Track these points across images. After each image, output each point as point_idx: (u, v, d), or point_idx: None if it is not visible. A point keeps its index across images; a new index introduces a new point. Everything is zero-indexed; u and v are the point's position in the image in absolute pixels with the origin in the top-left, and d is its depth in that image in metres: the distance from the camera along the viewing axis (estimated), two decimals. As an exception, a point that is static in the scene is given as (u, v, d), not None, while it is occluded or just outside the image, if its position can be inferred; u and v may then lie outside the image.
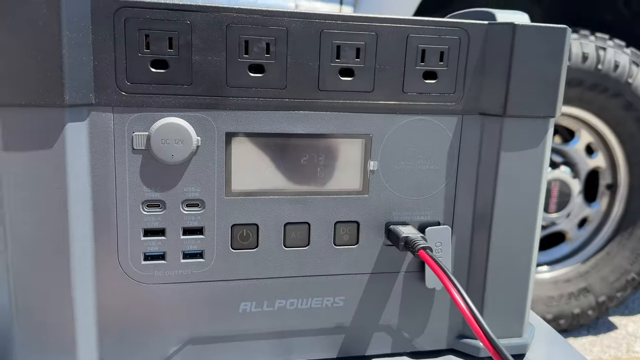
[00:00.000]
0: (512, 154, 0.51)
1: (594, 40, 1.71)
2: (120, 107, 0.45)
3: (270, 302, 0.51)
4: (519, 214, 0.53)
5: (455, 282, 0.45)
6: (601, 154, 1.87)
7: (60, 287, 0.45)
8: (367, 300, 0.53)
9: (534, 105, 0.51)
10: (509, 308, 0.55)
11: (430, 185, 0.52)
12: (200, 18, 0.44)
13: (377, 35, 0.48)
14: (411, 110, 0.50)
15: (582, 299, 1.89)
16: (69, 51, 0.41)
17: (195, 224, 0.48)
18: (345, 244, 0.52)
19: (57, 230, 0.44)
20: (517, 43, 0.49)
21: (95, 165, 0.45)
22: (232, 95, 0.46)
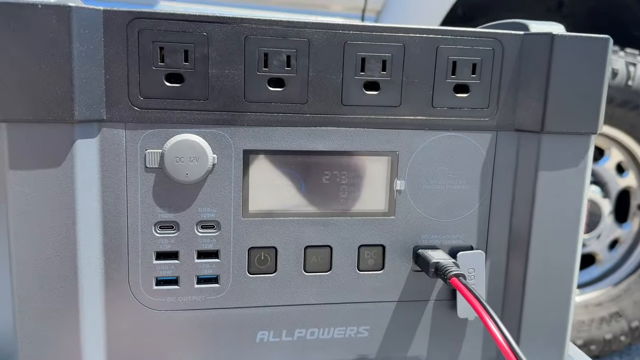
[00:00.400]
0: (551, 173, 0.48)
1: (624, 55, 1.66)
2: (133, 123, 0.43)
3: (290, 331, 0.48)
4: (558, 238, 0.49)
5: (492, 312, 0.41)
6: (632, 172, 1.81)
7: (67, 314, 0.42)
8: (393, 331, 0.49)
9: (574, 121, 0.47)
10: (548, 340, 0.51)
11: (462, 206, 0.49)
12: (218, 29, 0.42)
13: (405, 47, 0.45)
14: (441, 126, 0.47)
15: (614, 324, 1.81)
16: (80, 64, 0.39)
17: (211, 246, 0.45)
18: (370, 269, 0.48)
19: (65, 253, 0.42)
20: (556, 54, 0.46)
21: (106, 184, 0.43)
22: (251, 111, 0.44)
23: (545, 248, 0.49)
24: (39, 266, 0.42)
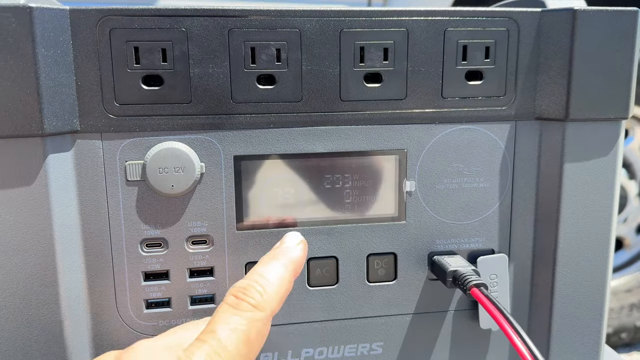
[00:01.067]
0: (578, 165, 0.43)
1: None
2: (110, 132, 0.39)
3: (296, 351, 0.44)
4: (589, 237, 0.44)
5: (516, 325, 0.37)
6: (658, 152, 1.74)
7: (51, 344, 0.39)
8: (409, 346, 0.45)
9: (602, 106, 0.42)
10: (580, 348, 0.47)
11: (480, 206, 0.44)
12: (197, 24, 0.38)
13: (408, 32, 0.40)
14: (453, 119, 0.42)
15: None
16: (46, 71, 0.36)
17: (203, 264, 0.41)
18: (381, 280, 0.44)
19: (44, 279, 0.38)
20: (579, 32, 0.41)
21: (84, 201, 0.39)
22: (239, 112, 0.40)
23: (575, 249, 0.44)
24: (17, 294, 0.38)
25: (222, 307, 0.34)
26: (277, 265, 0.36)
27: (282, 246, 0.38)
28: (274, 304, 0.35)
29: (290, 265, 0.37)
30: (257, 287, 0.34)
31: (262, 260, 0.37)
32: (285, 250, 0.38)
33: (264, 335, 0.34)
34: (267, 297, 0.34)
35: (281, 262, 0.37)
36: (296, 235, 0.40)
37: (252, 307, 0.33)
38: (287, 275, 0.36)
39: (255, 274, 0.36)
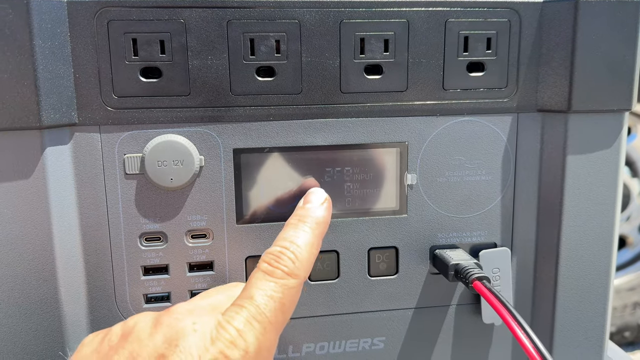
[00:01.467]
0: (581, 157, 0.43)
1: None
2: (108, 125, 0.38)
3: (296, 346, 0.44)
4: (592, 229, 0.44)
5: (519, 318, 0.37)
6: (661, 150, 1.73)
7: (50, 340, 0.39)
8: (411, 341, 0.45)
9: (605, 98, 0.42)
10: (584, 343, 0.46)
11: (482, 199, 0.44)
12: (196, 15, 0.38)
13: (409, 23, 0.40)
14: (455, 111, 0.42)
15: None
16: (44, 63, 0.35)
17: (203, 258, 0.41)
18: (382, 275, 0.44)
19: (43, 274, 0.38)
20: (581, 22, 0.40)
21: (83, 194, 0.39)
22: (239, 105, 0.39)
23: (578, 241, 0.44)
24: (15, 289, 0.38)
25: (257, 273, 0.34)
26: (306, 230, 0.37)
27: (306, 207, 0.38)
28: (306, 270, 0.35)
29: (317, 228, 0.37)
30: (289, 254, 0.35)
31: (289, 223, 0.37)
32: (311, 211, 0.38)
33: (295, 303, 0.34)
34: (299, 264, 0.35)
35: (309, 226, 0.37)
36: (320, 193, 0.40)
37: (286, 275, 0.34)
38: (316, 240, 0.37)
39: (285, 241, 0.36)
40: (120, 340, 0.32)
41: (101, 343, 0.33)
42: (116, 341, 0.33)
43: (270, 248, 0.36)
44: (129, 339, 0.32)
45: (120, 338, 0.33)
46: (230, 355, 0.30)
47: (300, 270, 0.35)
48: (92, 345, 0.33)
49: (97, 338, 0.34)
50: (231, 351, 0.30)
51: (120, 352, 0.31)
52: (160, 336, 0.31)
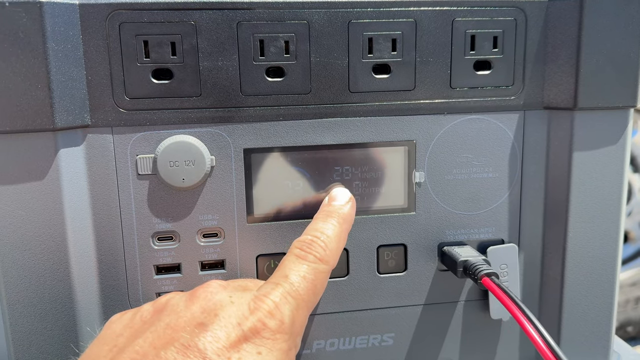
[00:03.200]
0: (587, 154, 0.43)
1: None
2: (121, 126, 0.39)
3: (307, 343, 0.44)
4: (598, 225, 0.44)
5: (528, 312, 0.37)
6: (663, 145, 1.73)
7: (64, 338, 0.39)
8: (420, 337, 0.45)
9: (611, 94, 0.42)
10: (591, 337, 0.46)
11: (489, 196, 0.44)
12: (206, 17, 0.38)
13: (416, 22, 0.40)
14: (462, 109, 0.42)
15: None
16: (57, 66, 0.36)
17: (215, 256, 0.41)
18: (391, 272, 0.44)
19: (57, 273, 0.38)
20: (587, 20, 0.41)
21: (96, 195, 0.39)
22: (249, 105, 0.40)
23: (585, 237, 0.44)
24: (31, 289, 0.38)
25: (290, 257, 0.36)
26: (334, 223, 0.38)
27: (333, 204, 0.40)
28: (334, 259, 0.37)
29: (344, 223, 0.39)
30: (319, 242, 0.37)
31: (317, 217, 0.39)
32: (338, 208, 0.39)
33: (324, 287, 0.36)
34: (329, 252, 0.37)
35: (336, 220, 0.39)
36: (345, 192, 0.41)
37: (318, 259, 0.36)
38: (343, 233, 0.39)
39: (316, 231, 0.37)
40: (154, 314, 0.33)
41: (132, 319, 0.34)
42: (149, 316, 0.33)
43: (301, 237, 0.38)
44: (164, 312, 0.33)
45: (154, 313, 0.33)
46: (269, 324, 0.31)
47: (330, 258, 0.37)
48: (122, 322, 0.34)
49: (126, 315, 0.34)
50: (269, 320, 0.31)
51: (156, 324, 0.32)
52: (197, 307, 0.32)
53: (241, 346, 0.30)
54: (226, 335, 0.30)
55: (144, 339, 0.31)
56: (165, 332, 0.31)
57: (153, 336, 0.31)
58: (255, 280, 0.39)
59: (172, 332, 0.31)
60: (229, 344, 0.30)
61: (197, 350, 0.29)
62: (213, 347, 0.30)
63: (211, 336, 0.30)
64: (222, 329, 0.31)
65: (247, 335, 0.31)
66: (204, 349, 0.30)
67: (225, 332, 0.30)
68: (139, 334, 0.32)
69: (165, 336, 0.31)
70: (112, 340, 0.32)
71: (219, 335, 0.30)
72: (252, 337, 0.31)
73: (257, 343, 0.31)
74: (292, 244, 0.37)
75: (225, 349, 0.30)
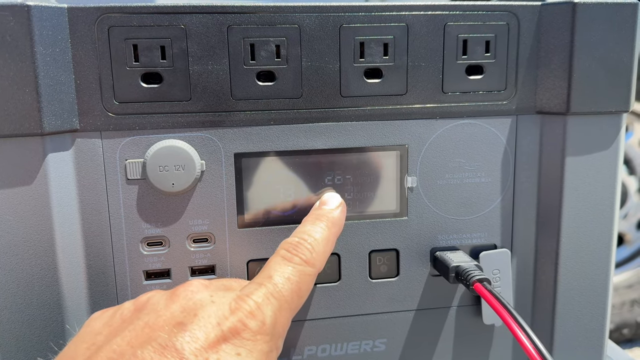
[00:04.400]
0: (580, 158, 0.43)
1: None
2: (110, 131, 0.39)
3: (298, 349, 0.44)
4: (591, 231, 0.44)
5: (520, 319, 0.37)
6: (658, 147, 1.73)
7: (53, 344, 0.39)
8: (413, 342, 0.45)
9: (603, 99, 0.42)
10: (584, 342, 0.46)
11: (482, 201, 0.44)
12: (196, 21, 0.38)
13: (408, 27, 0.40)
14: (454, 114, 0.42)
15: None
16: (45, 70, 0.35)
17: (205, 262, 0.41)
18: (383, 277, 0.44)
19: (45, 279, 0.38)
20: (579, 25, 0.41)
21: (85, 200, 0.39)
22: (239, 110, 0.39)
23: (578, 242, 0.44)
24: (19, 294, 0.38)
25: (275, 258, 0.36)
26: (323, 227, 0.38)
27: (323, 208, 0.40)
28: (321, 262, 0.37)
29: (333, 227, 0.39)
30: (306, 244, 0.36)
31: (307, 220, 0.39)
32: (328, 212, 0.39)
33: (309, 290, 0.36)
34: (316, 255, 0.36)
35: (325, 224, 0.38)
36: (336, 197, 0.41)
37: (304, 262, 0.35)
38: (331, 237, 0.38)
39: (303, 233, 0.37)
40: (133, 313, 0.33)
41: (112, 317, 0.33)
42: (129, 315, 0.33)
43: (288, 238, 0.37)
44: (144, 311, 0.32)
45: (133, 311, 0.33)
46: (249, 324, 0.31)
47: (317, 261, 0.36)
48: (102, 319, 0.34)
49: (106, 313, 0.34)
50: (250, 321, 0.31)
51: (135, 323, 0.31)
52: (177, 306, 0.32)
53: (220, 347, 0.30)
54: (205, 336, 0.30)
55: (122, 338, 0.30)
56: (143, 331, 0.31)
57: (131, 335, 0.30)
58: (240, 280, 0.39)
59: (150, 331, 0.30)
60: (208, 344, 0.30)
61: (175, 350, 0.29)
62: (191, 348, 0.29)
63: (189, 336, 0.30)
64: (200, 329, 0.30)
65: (227, 335, 0.30)
66: (182, 349, 0.29)
67: (204, 332, 0.30)
68: (118, 332, 0.31)
69: (143, 335, 0.30)
70: (91, 338, 0.32)
71: (198, 335, 0.30)
72: (232, 338, 0.30)
73: (237, 344, 0.30)
74: (279, 245, 0.37)
75: (204, 350, 0.30)
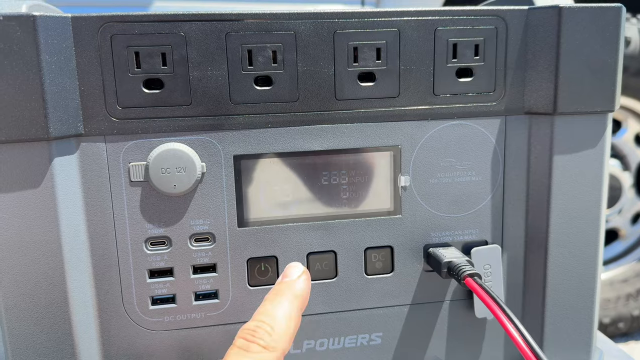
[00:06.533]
0: (567, 157, 0.44)
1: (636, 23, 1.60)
2: (113, 135, 0.40)
3: (297, 343, 0.45)
4: (579, 226, 0.46)
5: (509, 312, 0.38)
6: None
7: (60, 341, 0.40)
8: (408, 336, 0.46)
9: (589, 100, 0.44)
10: (573, 335, 0.48)
11: (472, 199, 0.45)
12: (196, 28, 0.39)
13: (400, 32, 0.41)
14: (445, 115, 0.44)
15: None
16: (50, 77, 0.37)
17: (207, 260, 0.43)
18: (378, 273, 0.45)
19: (53, 278, 0.39)
20: (565, 28, 0.42)
21: (90, 202, 0.40)
22: (238, 113, 0.41)
23: (566, 237, 0.46)
24: (27, 293, 0.39)
25: (233, 350, 0.33)
26: (283, 302, 0.36)
27: (284, 280, 0.38)
28: (284, 343, 0.34)
29: (295, 300, 0.37)
30: (265, 327, 0.34)
31: (267, 298, 0.37)
32: (289, 285, 0.37)
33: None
34: (276, 337, 0.34)
35: (286, 298, 0.36)
36: (297, 266, 0.39)
37: (262, 348, 0.33)
38: (294, 312, 0.36)
39: (262, 314, 0.35)
40: None
41: None
42: None
43: (247, 323, 0.35)
44: None
45: None
46: None
47: (278, 343, 0.34)
48: None
49: None
50: None
51: None
52: None
53: None
54: None
55: None
56: None
57: None
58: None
59: None
60: None
61: None
62: None
63: None
64: None
65: None
66: None
67: None
68: None
69: None
70: None
71: None
72: None
73: None
74: (237, 333, 0.34)
75: None
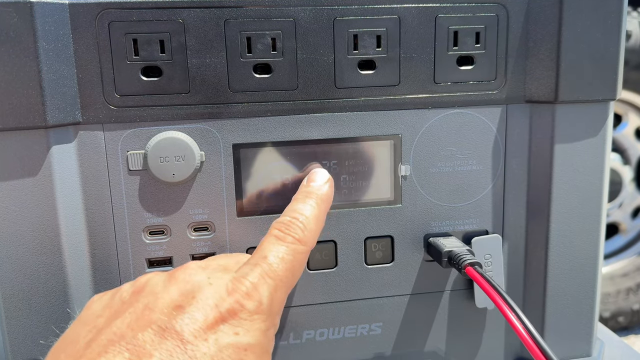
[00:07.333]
0: (568, 146, 0.44)
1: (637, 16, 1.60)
2: (111, 123, 0.40)
3: (297, 333, 0.45)
4: (580, 215, 0.45)
5: (510, 301, 0.38)
6: (653, 137, 1.75)
7: (57, 331, 0.40)
8: (408, 326, 0.46)
9: (590, 88, 0.43)
10: (574, 324, 0.48)
11: (473, 188, 0.45)
12: (194, 15, 0.39)
13: (400, 19, 0.41)
14: (446, 103, 0.43)
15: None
16: (48, 64, 0.36)
17: (206, 250, 0.42)
18: (378, 263, 0.45)
19: (51, 267, 0.39)
20: (566, 16, 0.42)
21: (88, 190, 0.40)
22: (237, 101, 0.41)
23: (567, 227, 0.45)
24: (25, 282, 0.39)
25: (269, 238, 0.36)
26: (312, 204, 0.39)
27: (311, 185, 0.40)
28: (313, 240, 0.38)
29: (322, 204, 0.39)
30: (298, 223, 0.37)
31: (296, 198, 0.40)
32: (317, 189, 0.40)
33: (303, 267, 0.37)
34: (308, 233, 0.37)
35: (315, 201, 0.39)
36: (323, 172, 0.42)
37: (296, 240, 0.36)
38: (321, 214, 0.39)
39: (294, 212, 0.38)
40: (132, 295, 0.33)
41: (112, 299, 0.34)
42: (128, 297, 0.34)
43: (280, 218, 0.38)
44: (143, 293, 0.33)
45: (132, 294, 0.34)
46: (246, 305, 0.32)
47: (309, 239, 0.37)
48: (101, 302, 0.34)
49: (105, 296, 0.35)
50: (247, 301, 0.32)
51: (135, 305, 0.32)
52: (175, 289, 0.33)
53: (218, 327, 0.31)
54: (203, 317, 0.31)
55: (122, 320, 0.31)
56: (143, 313, 0.31)
57: (131, 318, 0.31)
58: (238, 256, 0.39)
59: (150, 313, 0.31)
60: (206, 325, 0.31)
61: (175, 332, 0.30)
62: (190, 329, 0.30)
63: (188, 318, 0.31)
64: (199, 311, 0.31)
65: (225, 316, 0.31)
66: (181, 331, 0.30)
67: (202, 314, 0.31)
68: (118, 315, 0.32)
69: (143, 318, 0.31)
70: (92, 321, 0.33)
71: (197, 317, 0.31)
72: (230, 318, 0.31)
73: (235, 324, 0.31)
74: (271, 225, 0.37)
75: (202, 331, 0.30)
